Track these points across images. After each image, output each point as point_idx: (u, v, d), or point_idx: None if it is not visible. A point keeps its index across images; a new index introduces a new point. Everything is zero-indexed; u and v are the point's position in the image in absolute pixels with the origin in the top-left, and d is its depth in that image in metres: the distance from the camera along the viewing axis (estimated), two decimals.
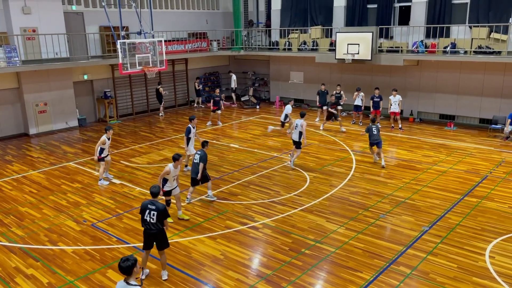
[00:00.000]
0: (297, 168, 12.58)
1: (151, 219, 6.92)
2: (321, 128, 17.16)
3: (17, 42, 16.08)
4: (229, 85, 23.63)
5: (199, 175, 9.82)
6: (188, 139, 12.05)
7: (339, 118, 16.89)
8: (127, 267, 4.83)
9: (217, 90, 19.01)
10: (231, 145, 15.28)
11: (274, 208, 9.95)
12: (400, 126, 16.90)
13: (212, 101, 18.44)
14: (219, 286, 7.07)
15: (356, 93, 17.57)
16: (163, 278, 7.25)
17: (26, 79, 16.74)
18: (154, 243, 7.08)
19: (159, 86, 20.35)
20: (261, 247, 8.33)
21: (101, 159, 11.60)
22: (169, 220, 9.02)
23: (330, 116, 16.91)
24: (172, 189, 9.16)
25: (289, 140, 15.66)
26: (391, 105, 16.80)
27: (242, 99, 23.48)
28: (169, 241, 7.38)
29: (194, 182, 10.07)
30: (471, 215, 9.39)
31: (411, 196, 10.51)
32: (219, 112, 18.40)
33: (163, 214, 6.91)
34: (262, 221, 9.30)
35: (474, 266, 7.47)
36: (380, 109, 17.22)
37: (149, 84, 21.26)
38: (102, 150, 11.50)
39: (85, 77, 18.80)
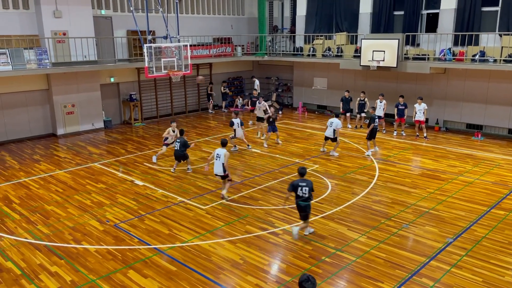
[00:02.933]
0: (318, 174, 12.49)
1: (304, 194, 8.45)
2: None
3: (48, 44, 16.58)
4: (252, 90, 23.68)
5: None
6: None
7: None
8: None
9: (255, 92, 19.12)
10: (253, 150, 15.30)
11: (295, 215, 9.88)
12: (425, 135, 16.59)
13: (249, 102, 18.78)
14: None
15: (378, 100, 17.32)
16: (307, 233, 8.77)
17: (56, 81, 17.22)
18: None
19: (210, 86, 22.25)
20: (281, 253, 8.29)
21: (164, 145, 13.90)
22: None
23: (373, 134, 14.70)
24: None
25: (311, 146, 15.61)
26: (416, 113, 16.51)
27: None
28: (189, 243, 7.40)
29: (178, 159, 12.93)
30: (498, 228, 9.11)
31: (435, 206, 10.29)
32: (255, 112, 18.48)
33: (312, 188, 8.59)
34: (282, 227, 9.26)
35: (500, 281, 7.24)
36: (405, 117, 16.96)
37: (174, 88, 21.55)
38: (166, 138, 13.82)
39: (112, 80, 19.21)
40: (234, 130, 14.86)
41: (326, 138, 14.48)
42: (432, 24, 18.69)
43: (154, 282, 7.30)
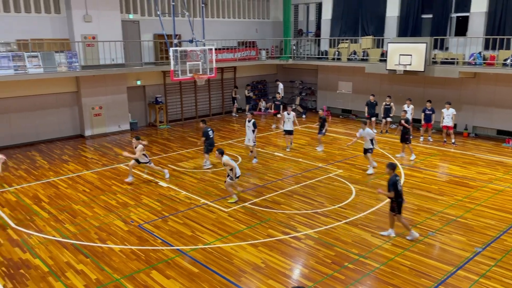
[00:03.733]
0: (343, 180, 12.35)
1: (401, 189, 8.68)
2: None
3: (78, 48, 17.04)
4: (275, 93, 23.68)
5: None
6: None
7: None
8: None
9: (278, 95, 19.11)
10: (276, 153, 15.27)
11: (318, 220, 9.81)
12: (453, 140, 16.19)
13: (273, 105, 18.79)
14: None
15: (405, 104, 17.01)
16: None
17: (84, 83, 17.66)
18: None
19: (234, 90, 22.43)
20: (303, 258, 8.23)
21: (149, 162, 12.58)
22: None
23: (406, 138, 14.42)
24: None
25: (335, 151, 15.46)
26: (443, 118, 16.14)
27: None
28: (211, 246, 7.40)
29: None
30: None
31: (463, 214, 10.00)
32: (279, 116, 18.50)
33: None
34: (304, 232, 9.19)
35: None
36: (432, 122, 16.58)
37: (198, 91, 21.76)
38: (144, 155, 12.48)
39: (138, 82, 19.56)
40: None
41: (366, 151, 13.18)
42: (462, 28, 18.26)
43: (176, 283, 7.36)
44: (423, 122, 16.72)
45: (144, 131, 19.40)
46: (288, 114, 15.58)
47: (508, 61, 15.91)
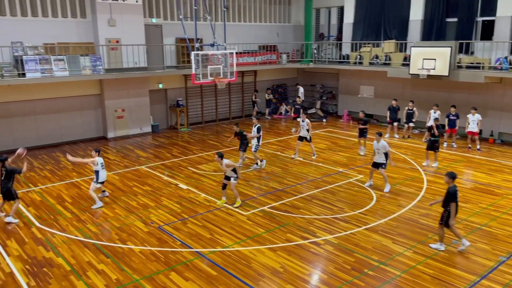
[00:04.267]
0: (363, 185, 12.19)
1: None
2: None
3: (102, 52, 17.38)
4: (296, 97, 23.62)
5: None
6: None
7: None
8: None
9: (298, 99, 19.03)
10: (296, 158, 15.20)
11: (337, 225, 9.71)
12: (478, 147, 15.80)
13: (293, 109, 18.78)
14: None
15: (431, 110, 16.69)
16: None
17: (108, 86, 18.00)
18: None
19: (254, 94, 22.56)
20: (322, 263, 8.15)
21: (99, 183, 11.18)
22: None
23: (434, 147, 13.91)
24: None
25: (356, 156, 15.28)
26: (468, 124, 15.77)
27: (309, 112, 23.34)
28: (230, 249, 7.41)
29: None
30: None
31: (488, 223, 9.74)
32: (298, 119, 18.42)
33: None
34: (324, 237, 9.11)
35: None
36: (456, 128, 16.22)
37: (219, 94, 21.90)
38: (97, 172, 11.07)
39: (160, 86, 19.81)
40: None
41: (376, 165, 11.92)
42: (488, 32, 17.85)
43: (194, 285, 7.38)
44: (447, 127, 16.38)
45: (165, 133, 19.62)
46: (303, 121, 15.02)
47: None
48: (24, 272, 7.86)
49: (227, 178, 10.78)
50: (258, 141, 14.17)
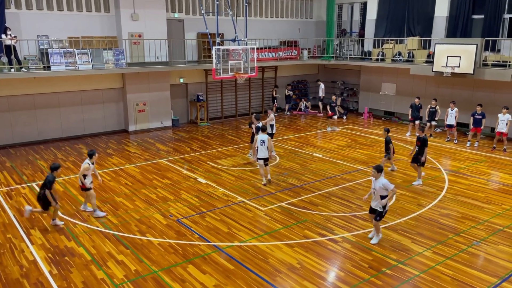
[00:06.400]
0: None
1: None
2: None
3: (124, 46, 17.61)
4: (316, 93, 23.48)
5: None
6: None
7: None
8: None
9: (334, 97, 18.82)
10: (315, 154, 15.14)
11: (355, 223, 9.64)
12: (504, 147, 15.40)
13: (328, 107, 18.64)
14: None
15: (449, 108, 16.38)
16: None
17: (130, 80, 18.24)
18: None
19: (274, 89, 22.28)
20: (339, 261, 8.11)
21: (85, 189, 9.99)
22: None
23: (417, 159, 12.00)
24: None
25: (375, 153, 15.11)
26: (498, 124, 15.31)
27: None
28: (247, 243, 7.44)
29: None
30: None
31: (511, 224, 9.51)
32: (335, 117, 18.29)
33: None
34: (341, 235, 9.06)
35: None
36: (482, 127, 15.81)
37: (239, 89, 21.93)
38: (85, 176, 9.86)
39: (181, 80, 19.97)
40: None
41: (372, 211, 8.74)
42: None
43: (212, 278, 7.45)
44: (471, 126, 16.02)
45: (185, 127, 19.78)
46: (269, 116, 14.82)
47: None
48: (46, 261, 8.08)
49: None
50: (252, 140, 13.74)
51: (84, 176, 9.79)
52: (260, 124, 12.98)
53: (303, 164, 13.96)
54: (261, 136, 11.87)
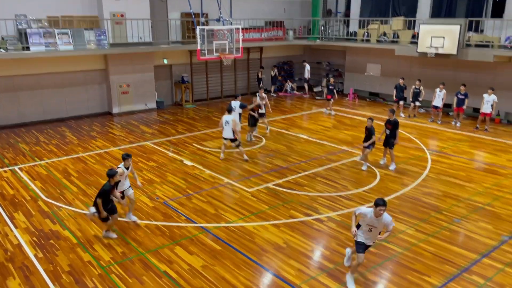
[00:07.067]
0: (368, 164, 12.19)
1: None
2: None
3: (106, 26, 17.21)
4: (302, 75, 23.43)
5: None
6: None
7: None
8: None
9: (332, 79, 18.68)
10: (300, 135, 15.20)
11: (340, 203, 9.78)
12: (486, 127, 15.67)
13: (327, 89, 18.45)
14: (280, 273, 7.13)
15: (437, 88, 16.54)
16: None
17: (113, 61, 17.89)
18: None
19: (260, 70, 22.03)
20: (325, 240, 8.24)
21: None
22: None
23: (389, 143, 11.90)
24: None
25: (361, 134, 15.22)
26: (483, 104, 15.52)
27: (315, 89, 23.22)
28: (234, 224, 7.51)
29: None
30: None
31: (491, 202, 9.77)
32: (332, 100, 18.16)
33: None
34: (327, 214, 9.19)
35: None
36: (464, 107, 16.04)
37: (224, 71, 21.74)
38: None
39: (165, 61, 19.67)
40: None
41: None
42: (498, 10, 17.47)
43: (199, 259, 7.52)
44: (454, 106, 16.24)
45: (170, 109, 19.60)
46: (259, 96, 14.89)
47: None
48: (31, 244, 8.02)
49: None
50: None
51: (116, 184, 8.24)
52: (235, 104, 13.39)
53: (289, 146, 14.02)
54: (226, 117, 12.29)
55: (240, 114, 13.77)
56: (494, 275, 7.04)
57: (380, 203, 6.36)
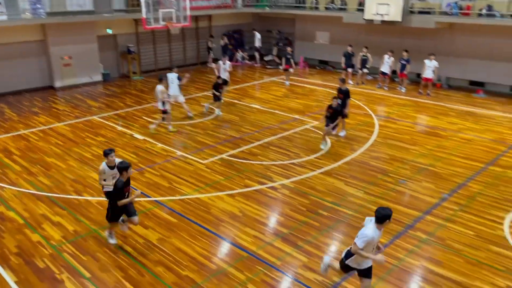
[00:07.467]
0: (319, 131, 12.47)
1: None
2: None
3: None
4: (252, 43, 23.21)
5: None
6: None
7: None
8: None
9: (289, 49, 18.37)
10: (252, 105, 15.21)
11: (293, 170, 9.99)
12: (428, 92, 16.41)
13: (284, 59, 18.04)
14: (236, 241, 7.26)
15: (386, 55, 16.98)
16: None
17: (52, 31, 16.78)
18: None
19: (210, 39, 21.67)
20: (279, 206, 8.45)
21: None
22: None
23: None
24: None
25: (311, 103, 15.49)
26: (425, 70, 16.15)
27: (266, 58, 23.13)
28: (189, 196, 7.47)
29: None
30: (493, 184, 9.23)
31: (433, 163, 10.36)
32: (291, 70, 17.90)
33: None
34: (280, 182, 9.37)
35: (492, 235, 7.43)
36: (406, 72, 16.67)
37: (173, 40, 21.08)
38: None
39: (109, 31, 18.73)
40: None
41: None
42: None
43: (154, 232, 7.48)
44: (398, 72, 16.82)
45: (117, 82, 18.87)
46: (224, 64, 15.11)
47: (483, 11, 15.93)
48: None
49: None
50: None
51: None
52: (173, 76, 13.31)
53: (241, 116, 14.01)
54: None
55: (179, 86, 13.46)
56: (436, 230, 7.56)
57: (389, 214, 5.29)
